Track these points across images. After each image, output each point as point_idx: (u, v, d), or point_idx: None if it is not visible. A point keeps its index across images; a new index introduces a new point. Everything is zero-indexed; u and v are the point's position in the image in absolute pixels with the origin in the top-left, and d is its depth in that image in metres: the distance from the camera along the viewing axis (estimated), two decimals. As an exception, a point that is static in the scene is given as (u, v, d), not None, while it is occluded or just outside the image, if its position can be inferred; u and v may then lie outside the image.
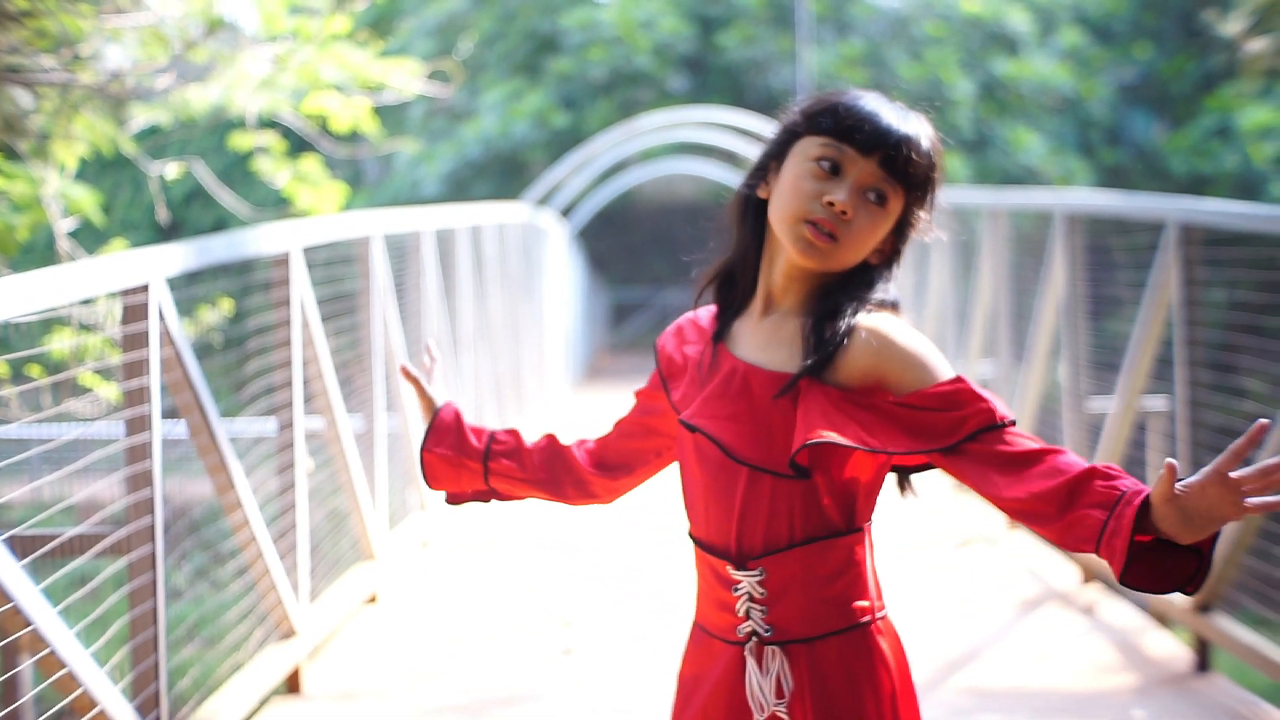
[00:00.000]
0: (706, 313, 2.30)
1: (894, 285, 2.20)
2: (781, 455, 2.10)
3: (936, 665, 5.18)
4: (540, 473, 2.45)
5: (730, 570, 2.16)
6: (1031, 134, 24.66)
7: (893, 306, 2.17)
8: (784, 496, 2.12)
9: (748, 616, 2.17)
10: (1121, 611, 5.84)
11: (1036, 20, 25.98)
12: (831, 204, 2.09)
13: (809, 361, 2.10)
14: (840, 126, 2.11)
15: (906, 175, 2.13)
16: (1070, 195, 7.74)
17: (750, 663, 2.17)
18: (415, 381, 2.53)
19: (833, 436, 2.04)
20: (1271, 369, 5.09)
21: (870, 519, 2.20)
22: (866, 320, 2.12)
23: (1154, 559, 1.94)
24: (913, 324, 2.18)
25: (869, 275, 2.17)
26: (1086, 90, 25.62)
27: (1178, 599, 5.21)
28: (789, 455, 2.09)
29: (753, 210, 2.22)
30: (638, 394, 2.41)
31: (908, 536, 7.14)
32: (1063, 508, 1.96)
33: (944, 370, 2.08)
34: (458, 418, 2.50)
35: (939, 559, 6.81)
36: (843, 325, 2.10)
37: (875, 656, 2.18)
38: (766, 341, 2.17)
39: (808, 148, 2.13)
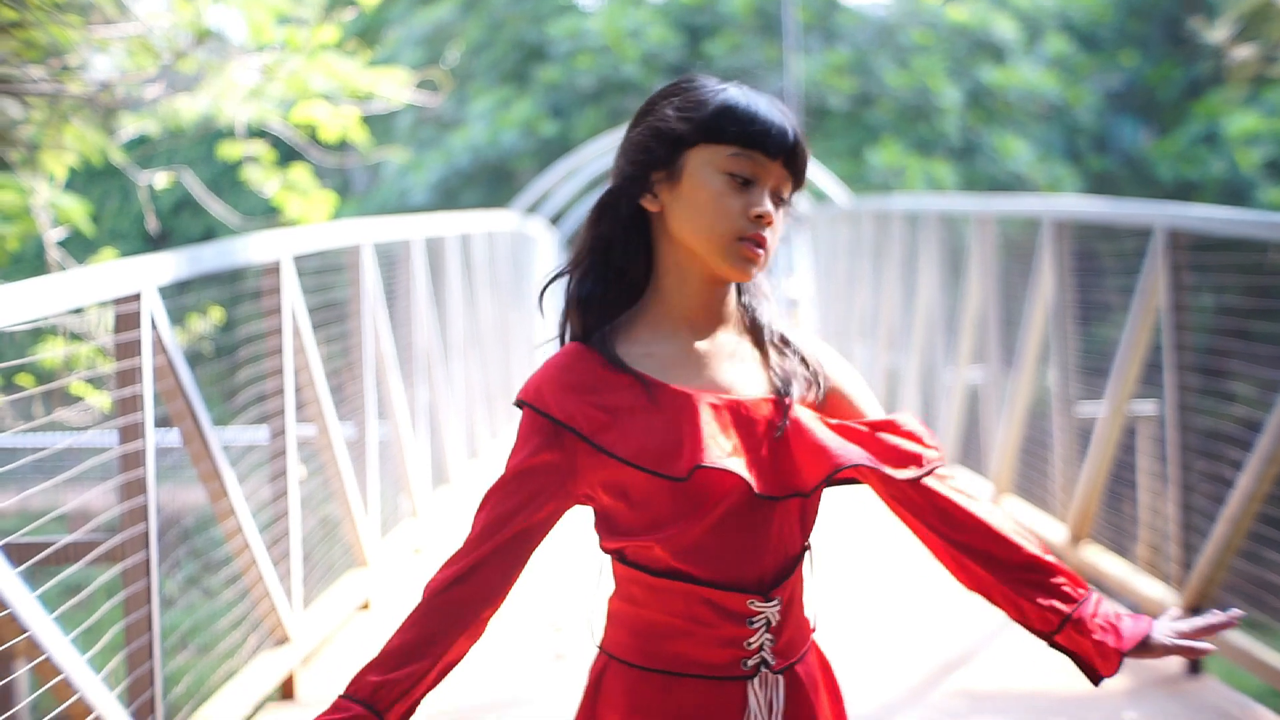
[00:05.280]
0: (570, 357, 2.17)
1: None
2: (789, 478, 2.02)
3: (929, 668, 5.19)
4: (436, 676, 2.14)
5: (754, 603, 2.03)
6: (1019, 141, 24.73)
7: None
8: (793, 518, 2.06)
9: (760, 648, 2.06)
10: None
11: (1023, 28, 26.06)
12: (760, 217, 2.00)
13: (796, 386, 2.08)
14: (745, 134, 2.00)
15: (802, 170, 2.07)
16: (1058, 202, 7.76)
17: (757, 695, 2.06)
18: None
19: (868, 460, 2.03)
20: (1259, 373, 5.11)
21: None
22: (809, 339, 2.16)
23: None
24: (894, 330, 2.23)
25: None
26: (1073, 97, 25.70)
27: (1170, 601, 5.23)
28: (797, 476, 2.02)
29: (635, 225, 2.09)
30: (520, 472, 2.19)
31: (898, 541, 7.16)
32: (1023, 569, 2.14)
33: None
34: None
35: (928, 563, 6.82)
36: (802, 345, 2.12)
37: (826, 664, 2.18)
38: (725, 367, 2.07)
39: (713, 158, 2.01)
